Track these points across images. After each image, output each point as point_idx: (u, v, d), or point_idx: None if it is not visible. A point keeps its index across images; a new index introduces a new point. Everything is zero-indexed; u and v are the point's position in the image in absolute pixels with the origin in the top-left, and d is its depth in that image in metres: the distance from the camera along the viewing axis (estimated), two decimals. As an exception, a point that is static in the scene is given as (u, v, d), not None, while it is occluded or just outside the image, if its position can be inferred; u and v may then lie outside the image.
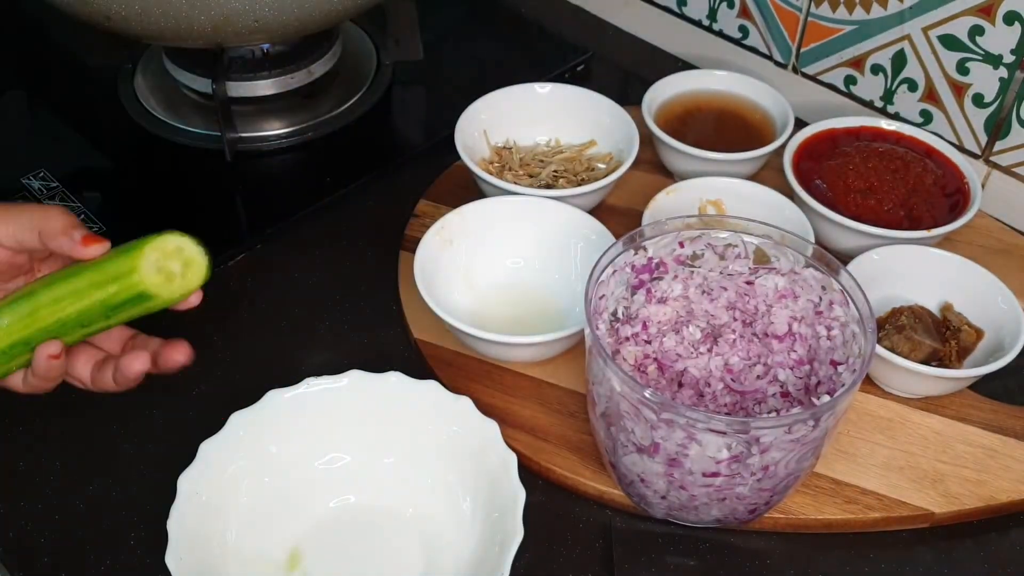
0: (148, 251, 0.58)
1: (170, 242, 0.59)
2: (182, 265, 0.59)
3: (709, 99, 0.90)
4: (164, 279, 0.58)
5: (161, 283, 0.58)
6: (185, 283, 0.59)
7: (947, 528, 0.66)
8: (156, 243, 0.58)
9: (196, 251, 0.59)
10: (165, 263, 0.58)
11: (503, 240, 0.77)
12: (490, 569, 0.57)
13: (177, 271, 0.59)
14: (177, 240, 0.59)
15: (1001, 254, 0.81)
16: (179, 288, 0.59)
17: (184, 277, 0.59)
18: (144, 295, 0.58)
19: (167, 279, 0.59)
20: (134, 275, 0.58)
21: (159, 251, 0.58)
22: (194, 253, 0.59)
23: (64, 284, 0.58)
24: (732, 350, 0.66)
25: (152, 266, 0.58)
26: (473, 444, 0.63)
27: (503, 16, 1.09)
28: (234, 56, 0.89)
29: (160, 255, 0.58)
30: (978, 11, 0.80)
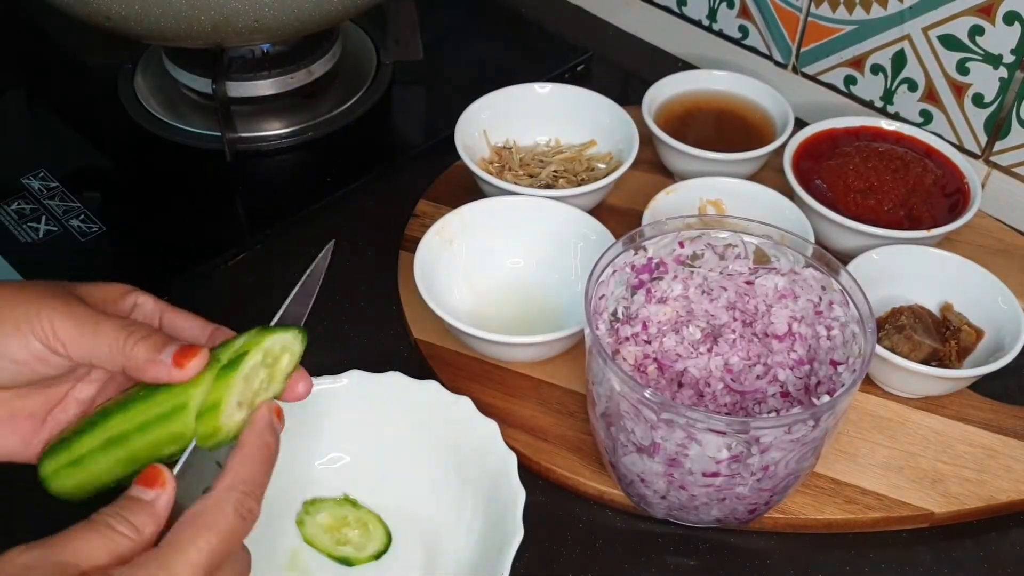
0: (226, 398, 0.47)
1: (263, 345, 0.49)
2: (268, 371, 0.50)
3: (709, 99, 0.90)
4: (249, 400, 0.49)
5: (245, 411, 0.49)
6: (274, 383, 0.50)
7: (947, 528, 0.66)
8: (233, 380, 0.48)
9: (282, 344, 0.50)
10: (248, 389, 0.49)
11: (503, 240, 0.77)
12: (490, 569, 0.57)
13: (262, 383, 0.49)
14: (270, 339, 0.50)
15: (1001, 254, 0.81)
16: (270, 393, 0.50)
17: (271, 382, 0.50)
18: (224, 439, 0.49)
19: (251, 401, 0.49)
20: (218, 436, 0.48)
21: (240, 386, 0.48)
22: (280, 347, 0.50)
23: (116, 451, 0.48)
24: (732, 350, 0.66)
25: (232, 410, 0.48)
26: (473, 444, 0.63)
27: (503, 16, 1.09)
28: (234, 56, 0.89)
29: (242, 386, 0.48)
30: (978, 11, 0.80)
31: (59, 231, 0.81)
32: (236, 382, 0.48)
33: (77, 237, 0.80)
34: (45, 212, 0.82)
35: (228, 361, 0.48)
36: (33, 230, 0.81)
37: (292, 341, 0.51)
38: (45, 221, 0.81)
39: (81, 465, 0.49)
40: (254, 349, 0.49)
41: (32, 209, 0.82)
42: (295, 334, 0.51)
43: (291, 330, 0.51)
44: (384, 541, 0.62)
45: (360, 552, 0.62)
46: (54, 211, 0.82)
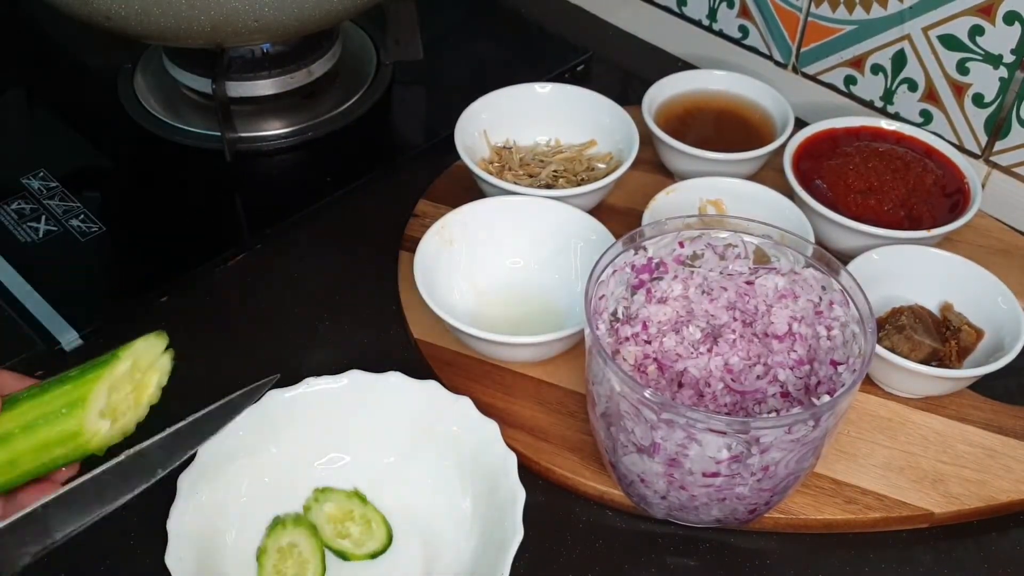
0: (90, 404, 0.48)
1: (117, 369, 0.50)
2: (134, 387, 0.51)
3: (709, 99, 0.90)
4: (117, 414, 0.50)
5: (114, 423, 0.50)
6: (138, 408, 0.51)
7: (947, 528, 0.66)
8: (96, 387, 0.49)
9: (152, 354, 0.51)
10: (114, 399, 0.49)
11: (503, 240, 0.77)
12: (490, 569, 0.57)
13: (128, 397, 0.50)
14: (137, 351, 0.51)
15: (1001, 254, 0.81)
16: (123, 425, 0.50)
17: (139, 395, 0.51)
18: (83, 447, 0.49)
19: (120, 413, 0.50)
20: (79, 438, 0.48)
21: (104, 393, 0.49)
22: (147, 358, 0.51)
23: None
24: (732, 350, 0.66)
25: (96, 416, 0.49)
26: (473, 444, 0.63)
27: (503, 16, 1.08)
28: (234, 56, 0.89)
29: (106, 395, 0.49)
30: (978, 11, 0.80)
31: (59, 231, 0.81)
32: (103, 383, 0.49)
33: (77, 237, 0.80)
34: (45, 212, 0.82)
35: (98, 361, 0.49)
36: (33, 230, 0.81)
37: (161, 358, 0.52)
38: (45, 221, 0.81)
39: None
40: (124, 352, 0.50)
41: (32, 209, 0.82)
42: (163, 345, 0.52)
43: (160, 338, 0.52)
44: (384, 542, 0.62)
45: (357, 549, 0.62)
46: (54, 211, 0.82)
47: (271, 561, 0.61)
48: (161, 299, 0.78)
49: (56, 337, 0.73)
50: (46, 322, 0.74)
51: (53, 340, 0.73)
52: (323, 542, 0.62)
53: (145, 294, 0.77)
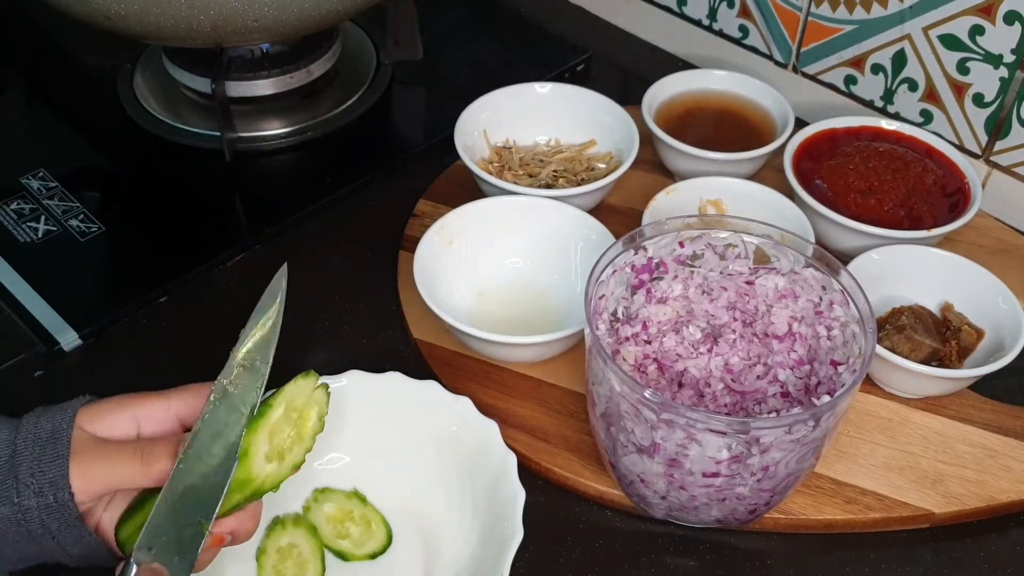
0: (252, 455, 0.52)
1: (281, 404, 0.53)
2: (296, 423, 0.54)
3: (709, 99, 0.90)
4: (278, 452, 0.53)
5: (275, 464, 0.53)
6: (302, 443, 0.54)
7: (947, 528, 0.66)
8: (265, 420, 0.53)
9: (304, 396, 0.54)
10: (276, 442, 0.53)
11: (503, 240, 0.77)
12: (490, 569, 0.57)
13: (290, 436, 0.54)
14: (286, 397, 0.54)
15: (1001, 254, 0.81)
16: (292, 459, 0.54)
17: (301, 431, 0.54)
18: (258, 489, 0.53)
19: (286, 451, 0.53)
20: (252, 483, 0.52)
21: (268, 431, 0.53)
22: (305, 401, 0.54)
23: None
24: (732, 350, 0.66)
25: (262, 462, 0.52)
26: (473, 444, 0.63)
27: (503, 16, 1.08)
28: (233, 56, 0.89)
29: (267, 442, 0.53)
30: (978, 11, 0.80)
31: (58, 231, 0.81)
32: (261, 433, 0.53)
33: (76, 237, 0.80)
34: (44, 212, 0.82)
35: (252, 413, 0.53)
36: (32, 230, 0.81)
37: (311, 398, 0.54)
38: (44, 221, 0.81)
39: None
40: (276, 399, 0.54)
41: (31, 209, 0.82)
42: (312, 387, 0.55)
43: (309, 379, 0.55)
44: (383, 543, 0.62)
45: (357, 549, 0.62)
46: (53, 211, 0.82)
47: (270, 561, 0.61)
48: (161, 299, 0.78)
49: (55, 337, 0.73)
50: (45, 322, 0.74)
51: (52, 340, 0.73)
52: (323, 542, 0.62)
53: (145, 294, 0.77)
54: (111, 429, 0.52)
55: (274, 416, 0.53)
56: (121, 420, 0.53)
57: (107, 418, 0.52)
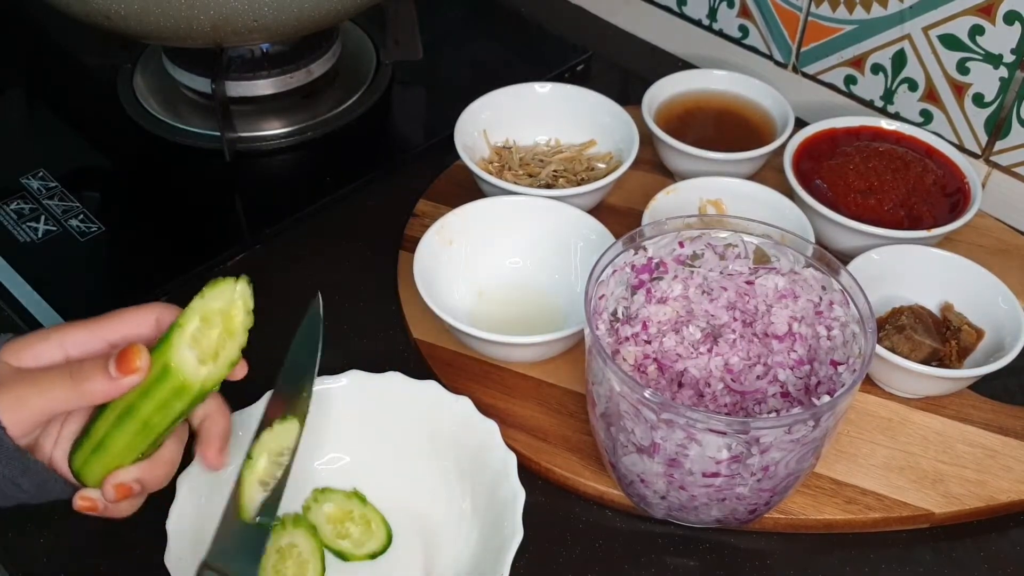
0: (177, 344, 0.51)
1: (196, 311, 0.52)
2: (222, 325, 0.53)
3: (709, 99, 0.90)
4: (205, 355, 0.52)
5: (208, 364, 0.52)
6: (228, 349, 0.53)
7: (947, 528, 0.66)
8: (182, 328, 0.51)
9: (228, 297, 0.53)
10: (201, 342, 0.52)
11: (503, 240, 0.77)
12: (490, 569, 0.57)
13: (216, 339, 0.52)
14: (204, 303, 0.52)
15: (1001, 254, 0.81)
16: (227, 357, 0.53)
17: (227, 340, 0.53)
18: (199, 393, 0.52)
19: (208, 355, 0.52)
20: (179, 382, 0.51)
21: (189, 337, 0.52)
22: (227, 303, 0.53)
23: (129, 424, 0.52)
24: (732, 350, 0.66)
25: (190, 360, 0.51)
26: (473, 444, 0.63)
27: (503, 16, 1.08)
28: (233, 56, 0.89)
29: (192, 340, 0.52)
30: (978, 11, 0.80)
31: (58, 231, 0.81)
32: (180, 344, 0.51)
33: (76, 237, 0.80)
34: (44, 212, 0.82)
35: (165, 336, 0.52)
36: (32, 230, 0.81)
37: (234, 293, 0.53)
38: (44, 221, 0.81)
39: (103, 448, 0.51)
40: (189, 312, 0.52)
41: (31, 209, 0.82)
42: (232, 286, 0.53)
43: (226, 283, 0.53)
44: (383, 543, 0.62)
45: (357, 549, 0.62)
46: (53, 211, 0.82)
47: (270, 561, 0.61)
48: (161, 299, 0.78)
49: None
50: (45, 322, 0.74)
51: (53, 340, 0.73)
52: (322, 542, 0.62)
53: (145, 294, 0.77)
54: (38, 359, 0.51)
55: (190, 327, 0.51)
56: (47, 349, 0.52)
57: (32, 348, 0.51)
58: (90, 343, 0.53)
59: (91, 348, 0.53)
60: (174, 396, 0.51)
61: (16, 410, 0.49)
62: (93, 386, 0.50)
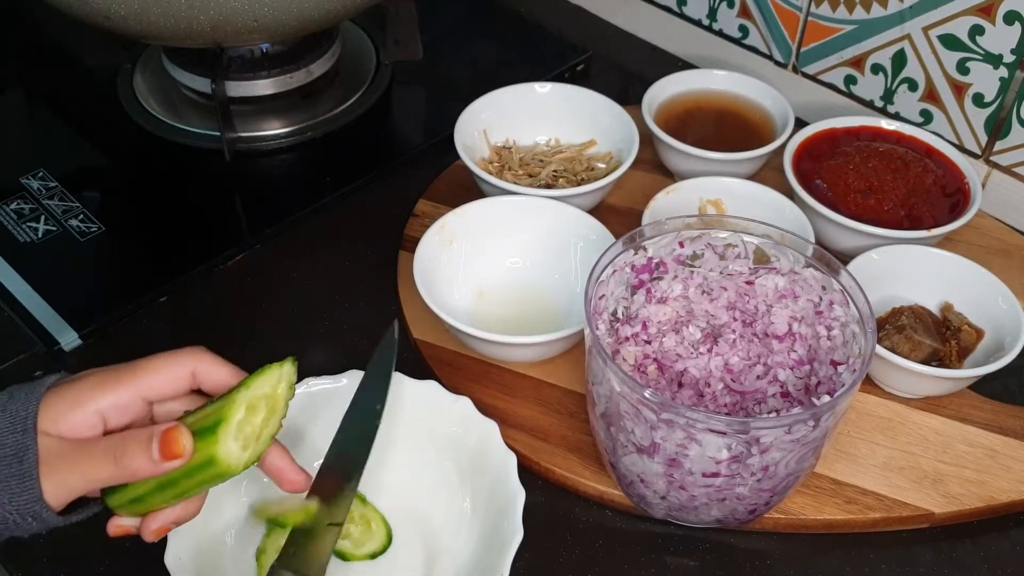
0: (222, 436, 0.51)
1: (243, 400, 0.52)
2: (266, 411, 0.53)
3: (709, 99, 0.90)
4: (249, 440, 0.52)
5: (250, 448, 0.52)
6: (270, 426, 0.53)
7: (947, 528, 0.66)
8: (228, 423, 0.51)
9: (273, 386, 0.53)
10: (245, 429, 0.52)
11: (503, 240, 0.77)
12: (490, 569, 0.57)
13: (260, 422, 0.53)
14: (250, 393, 0.52)
15: (1001, 254, 0.81)
16: (268, 434, 0.53)
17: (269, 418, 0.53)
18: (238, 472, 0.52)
19: (251, 439, 0.52)
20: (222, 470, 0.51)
21: (235, 428, 0.52)
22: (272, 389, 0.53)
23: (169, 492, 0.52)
24: (732, 350, 0.66)
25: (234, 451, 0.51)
26: (473, 444, 0.63)
27: (503, 16, 1.08)
28: (233, 56, 0.89)
29: (238, 429, 0.52)
30: (978, 11, 0.80)
31: (58, 231, 0.81)
32: (225, 438, 0.51)
33: (76, 237, 0.80)
34: (44, 212, 0.82)
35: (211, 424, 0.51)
36: (32, 230, 0.81)
37: (279, 378, 0.53)
38: (44, 221, 0.81)
39: (142, 503, 0.52)
40: (234, 405, 0.52)
41: (31, 209, 0.82)
42: (278, 371, 0.53)
43: (272, 370, 0.53)
44: (383, 543, 0.62)
45: (357, 549, 0.62)
46: (53, 211, 0.82)
47: (271, 561, 0.61)
48: (161, 299, 0.78)
49: (55, 337, 0.73)
50: (45, 322, 0.74)
51: (52, 340, 0.73)
52: None
53: (145, 294, 0.77)
54: (76, 430, 0.51)
55: (235, 419, 0.51)
56: (83, 419, 0.51)
57: (68, 419, 0.50)
58: (126, 403, 0.52)
59: (127, 409, 0.52)
60: (217, 478, 0.52)
61: (59, 489, 0.49)
62: (136, 465, 0.49)
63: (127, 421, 0.52)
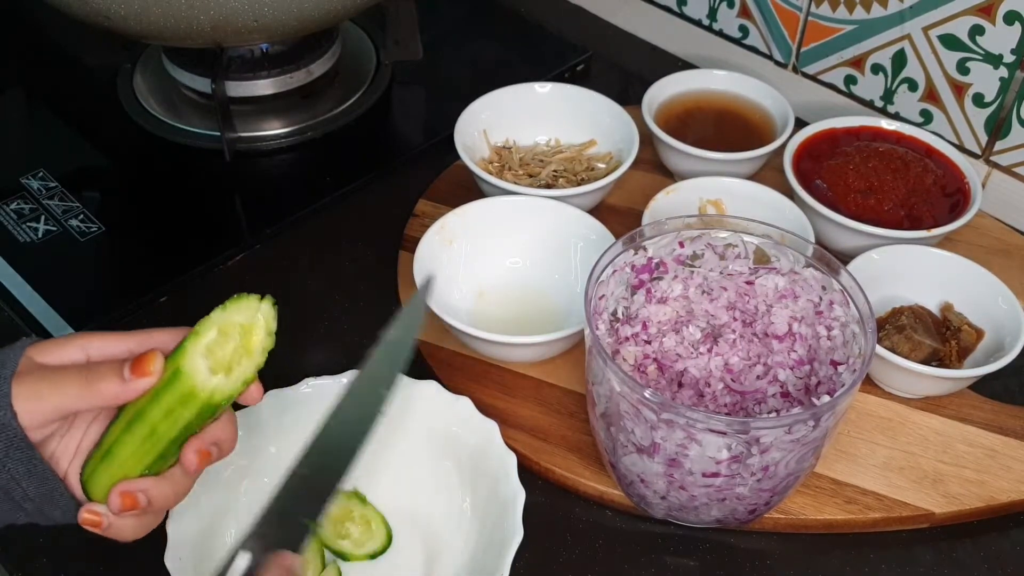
0: (191, 351, 0.50)
1: (215, 322, 0.51)
2: (240, 340, 0.52)
3: (709, 99, 0.90)
4: (219, 365, 0.51)
5: (219, 374, 0.51)
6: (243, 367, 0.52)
7: (947, 528, 0.66)
8: (199, 336, 0.51)
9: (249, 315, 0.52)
10: (216, 352, 0.51)
11: (503, 240, 0.77)
12: (490, 569, 0.57)
13: (231, 353, 0.52)
14: (224, 315, 0.51)
15: (1001, 254, 0.81)
16: (241, 373, 0.52)
17: (243, 357, 0.52)
18: (207, 403, 0.51)
19: (221, 366, 0.51)
20: (188, 388, 0.51)
21: (204, 347, 0.51)
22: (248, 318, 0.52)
23: (137, 430, 0.51)
24: (732, 350, 0.66)
25: (202, 369, 0.51)
26: (473, 444, 0.63)
27: (503, 16, 1.08)
28: (233, 56, 0.89)
29: (208, 346, 0.51)
30: (978, 11, 0.80)
31: (58, 231, 0.81)
32: (193, 351, 0.51)
33: (76, 237, 0.80)
34: (44, 212, 0.82)
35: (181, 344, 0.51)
36: (32, 230, 0.81)
37: (256, 311, 0.52)
38: (44, 221, 0.81)
39: (111, 455, 0.51)
40: (208, 321, 0.51)
41: (31, 209, 0.82)
42: (256, 304, 0.52)
43: (250, 299, 0.52)
44: (383, 543, 0.62)
45: (357, 549, 0.62)
46: (53, 211, 0.82)
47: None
48: (161, 299, 0.78)
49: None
50: (45, 322, 0.74)
51: (53, 340, 0.73)
52: (323, 542, 0.62)
53: (145, 294, 0.77)
54: (60, 359, 0.52)
55: (206, 336, 0.51)
56: (70, 350, 0.52)
57: (56, 348, 0.52)
58: (112, 350, 0.53)
59: (112, 354, 0.53)
60: (182, 403, 0.51)
61: (29, 400, 0.50)
62: (106, 386, 0.50)
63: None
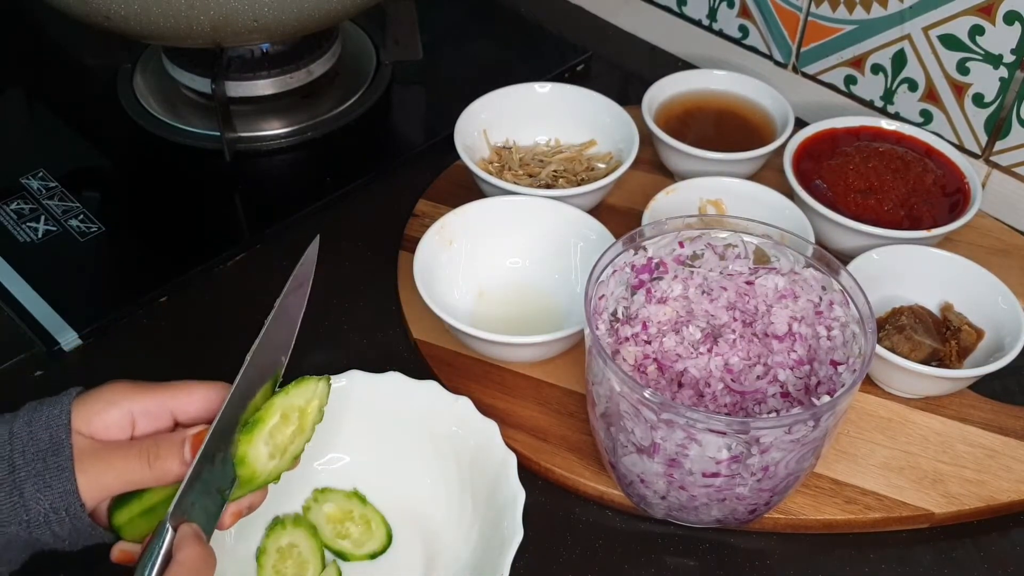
0: (256, 439, 0.52)
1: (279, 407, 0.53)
2: (296, 426, 0.54)
3: (709, 99, 0.90)
4: (276, 450, 0.53)
5: (276, 458, 0.53)
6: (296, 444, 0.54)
7: (947, 528, 0.66)
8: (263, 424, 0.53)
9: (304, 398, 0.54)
10: (276, 437, 0.53)
11: (503, 240, 0.77)
12: (490, 569, 0.57)
13: (289, 435, 0.54)
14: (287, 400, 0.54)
15: (1001, 254, 0.81)
16: (293, 451, 0.54)
17: (297, 436, 0.54)
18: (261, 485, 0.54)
19: (279, 451, 0.53)
20: (248, 474, 0.53)
21: (268, 433, 0.53)
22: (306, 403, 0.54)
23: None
24: (732, 350, 0.66)
25: (263, 456, 0.53)
26: (473, 444, 0.63)
27: (503, 16, 1.08)
28: (233, 56, 0.89)
29: (269, 435, 0.53)
30: (978, 11, 0.80)
31: (58, 231, 0.81)
32: (258, 440, 0.53)
33: (76, 237, 0.80)
34: (44, 212, 0.82)
35: (246, 421, 0.53)
36: (32, 230, 0.81)
37: (314, 393, 0.55)
38: (44, 221, 0.81)
39: (153, 514, 0.52)
40: (272, 407, 0.53)
41: (31, 209, 0.82)
42: (314, 387, 0.55)
43: (309, 382, 0.55)
44: (383, 543, 0.62)
45: (357, 549, 0.62)
46: (53, 211, 0.82)
47: (271, 561, 0.61)
48: (161, 299, 0.78)
49: (55, 337, 0.73)
50: (45, 322, 0.74)
51: (52, 340, 0.73)
52: (323, 542, 0.62)
53: (145, 294, 0.77)
54: (107, 430, 0.52)
55: (270, 423, 0.53)
56: (116, 417, 0.52)
57: (102, 418, 0.52)
58: (156, 413, 0.53)
59: (156, 417, 0.53)
60: (240, 487, 0.52)
61: (93, 488, 0.50)
62: (168, 467, 0.51)
63: (152, 430, 0.53)
